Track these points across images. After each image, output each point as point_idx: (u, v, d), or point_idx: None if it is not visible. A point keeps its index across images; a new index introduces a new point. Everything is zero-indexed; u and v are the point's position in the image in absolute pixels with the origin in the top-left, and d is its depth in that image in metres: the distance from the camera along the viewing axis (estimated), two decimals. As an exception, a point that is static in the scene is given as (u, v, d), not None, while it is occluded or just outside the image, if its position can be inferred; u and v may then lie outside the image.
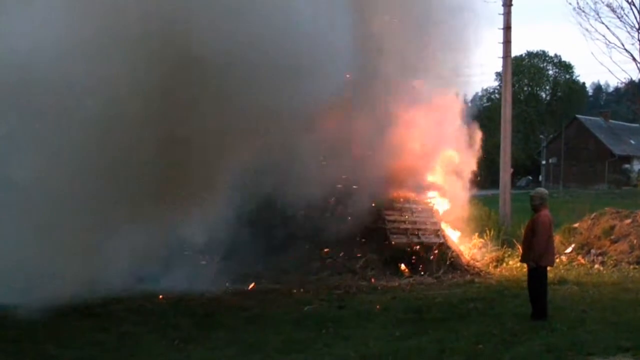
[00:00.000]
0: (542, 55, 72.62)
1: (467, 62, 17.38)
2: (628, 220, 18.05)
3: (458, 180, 17.84)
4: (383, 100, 15.49)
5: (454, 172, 17.78)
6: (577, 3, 32.04)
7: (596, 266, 16.61)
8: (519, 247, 12.93)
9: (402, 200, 16.40)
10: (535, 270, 10.60)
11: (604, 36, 32.03)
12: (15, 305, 10.15)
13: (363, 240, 15.32)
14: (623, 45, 28.56)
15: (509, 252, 17.38)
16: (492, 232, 19.06)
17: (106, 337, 9.63)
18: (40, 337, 9.40)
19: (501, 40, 22.60)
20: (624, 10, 27.26)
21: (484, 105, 62.40)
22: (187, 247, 14.36)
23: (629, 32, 26.86)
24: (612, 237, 17.69)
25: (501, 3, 22.44)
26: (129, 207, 11.11)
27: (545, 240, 10.54)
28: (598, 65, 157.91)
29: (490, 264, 16.78)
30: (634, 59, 28.24)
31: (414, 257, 15.55)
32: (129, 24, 10.41)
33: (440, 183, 17.71)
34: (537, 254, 10.56)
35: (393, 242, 15.50)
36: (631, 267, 16.19)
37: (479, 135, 18.08)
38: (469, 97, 20.94)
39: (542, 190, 11.46)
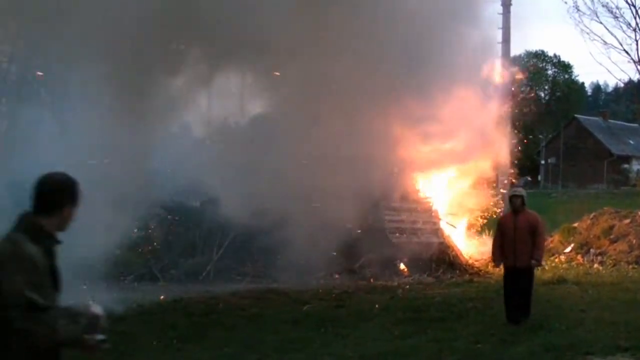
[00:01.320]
0: (541, 55, 72.62)
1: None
2: (627, 220, 18.07)
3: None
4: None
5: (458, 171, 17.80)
6: (575, 2, 31.89)
7: (595, 266, 16.61)
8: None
9: (401, 199, 16.40)
10: (532, 270, 10.44)
11: (601, 37, 32.02)
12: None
13: (362, 239, 15.31)
14: (621, 45, 28.60)
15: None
16: (491, 232, 19.05)
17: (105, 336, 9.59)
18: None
19: (500, 40, 22.59)
20: (620, 10, 27.32)
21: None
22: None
23: (625, 33, 26.90)
24: (611, 236, 17.70)
25: (500, 3, 22.45)
26: None
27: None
28: (597, 65, 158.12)
29: (489, 264, 16.76)
30: (632, 59, 28.26)
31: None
32: None
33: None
34: (542, 253, 10.64)
35: (392, 242, 15.51)
36: (630, 266, 16.19)
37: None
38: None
39: (522, 189, 11.33)
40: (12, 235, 3.45)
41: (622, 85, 40.80)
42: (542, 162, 63.40)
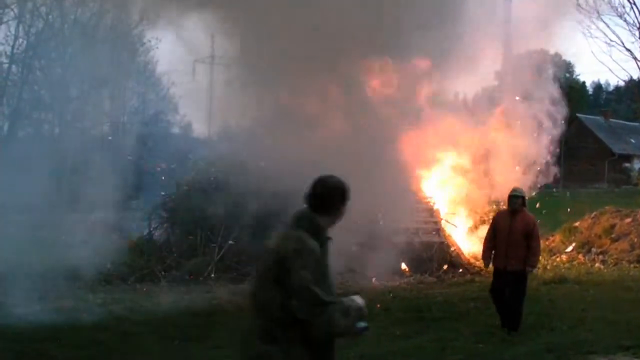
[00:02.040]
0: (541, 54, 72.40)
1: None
2: (628, 219, 18.07)
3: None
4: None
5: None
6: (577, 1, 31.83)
7: (597, 265, 16.60)
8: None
9: (403, 198, 16.37)
10: (525, 276, 9.86)
11: (604, 34, 32.10)
12: (16, 305, 10.16)
13: (363, 239, 15.29)
14: (623, 44, 28.63)
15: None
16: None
17: (106, 336, 9.62)
18: (40, 336, 9.39)
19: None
20: (624, 8, 27.38)
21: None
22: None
23: (630, 31, 26.94)
24: (613, 235, 17.71)
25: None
26: None
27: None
28: (598, 64, 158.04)
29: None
30: (635, 58, 28.27)
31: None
32: None
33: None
34: (538, 259, 10.23)
35: (393, 241, 15.49)
36: (632, 265, 16.19)
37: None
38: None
39: (523, 189, 10.65)
40: (295, 232, 3.85)
41: (623, 84, 40.85)
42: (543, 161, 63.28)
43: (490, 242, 10.02)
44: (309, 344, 3.74)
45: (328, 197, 3.96)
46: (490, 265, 10.21)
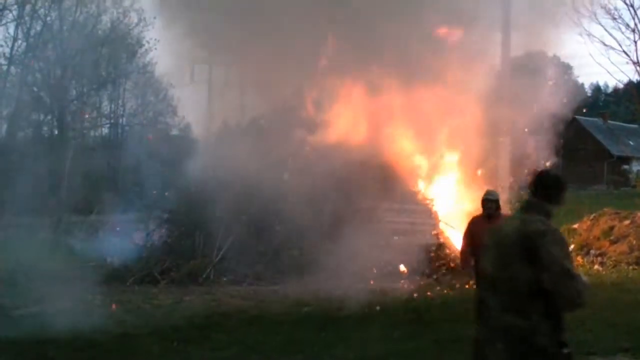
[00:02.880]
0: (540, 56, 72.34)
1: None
2: (627, 221, 18.05)
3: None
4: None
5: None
6: (573, 3, 31.81)
7: (595, 267, 16.59)
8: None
9: (401, 200, 16.39)
10: None
11: (600, 39, 32.12)
12: (15, 306, 10.16)
13: (361, 241, 15.29)
14: (621, 47, 28.65)
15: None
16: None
17: (105, 338, 9.61)
18: (39, 338, 9.38)
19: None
20: (618, 11, 27.43)
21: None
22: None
23: (623, 34, 26.98)
24: (612, 237, 17.68)
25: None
26: None
27: None
28: (596, 66, 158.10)
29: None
30: (632, 60, 28.29)
31: None
32: None
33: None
34: None
35: (391, 243, 15.49)
36: (630, 267, 16.17)
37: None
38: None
39: (497, 192, 10.47)
40: (534, 217, 4.43)
41: (621, 86, 40.89)
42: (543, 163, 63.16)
43: (468, 251, 9.73)
44: (549, 315, 4.25)
45: (553, 188, 4.63)
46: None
